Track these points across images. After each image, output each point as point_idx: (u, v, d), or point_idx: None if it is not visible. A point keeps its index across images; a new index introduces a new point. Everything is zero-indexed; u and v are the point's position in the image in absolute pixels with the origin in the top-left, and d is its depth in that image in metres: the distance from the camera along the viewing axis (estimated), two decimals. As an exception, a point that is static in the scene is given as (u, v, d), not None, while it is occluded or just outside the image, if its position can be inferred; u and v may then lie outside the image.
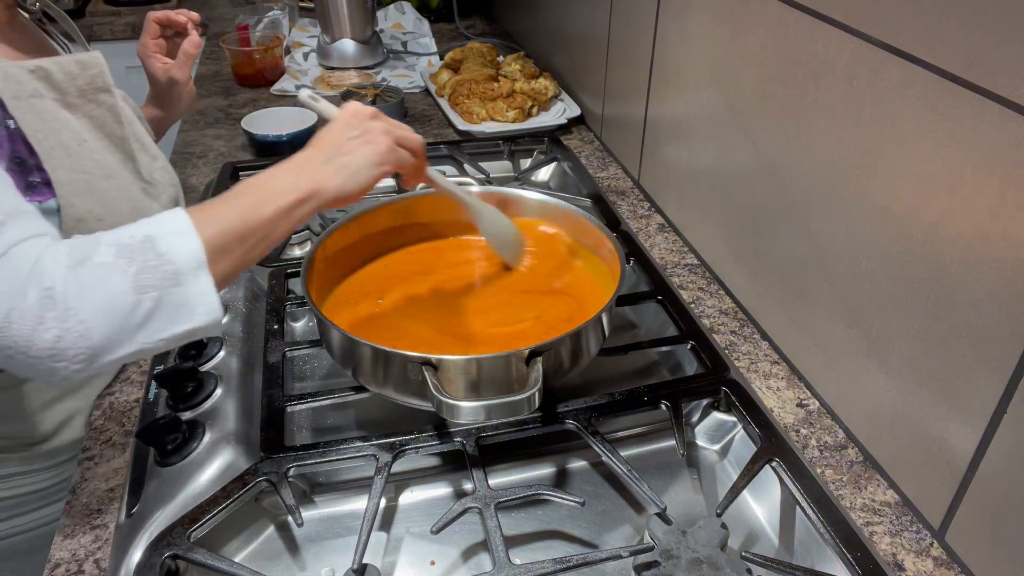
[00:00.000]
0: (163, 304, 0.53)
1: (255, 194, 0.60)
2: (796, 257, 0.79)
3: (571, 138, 1.37)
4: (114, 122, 0.76)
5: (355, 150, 0.64)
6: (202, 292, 0.55)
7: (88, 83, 0.73)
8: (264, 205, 0.59)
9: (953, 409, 0.60)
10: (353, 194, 0.64)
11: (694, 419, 0.78)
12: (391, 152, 0.66)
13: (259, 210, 0.59)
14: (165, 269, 0.53)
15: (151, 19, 0.92)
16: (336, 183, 0.62)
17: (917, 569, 0.62)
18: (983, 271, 0.56)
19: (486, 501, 0.63)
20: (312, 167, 0.63)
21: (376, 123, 0.66)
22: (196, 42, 0.93)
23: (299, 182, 0.61)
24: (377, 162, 0.65)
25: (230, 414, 0.71)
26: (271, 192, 0.60)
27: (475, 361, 0.65)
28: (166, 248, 0.54)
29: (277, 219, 0.60)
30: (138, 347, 0.54)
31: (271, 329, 0.82)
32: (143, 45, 0.93)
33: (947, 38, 0.56)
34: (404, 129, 0.69)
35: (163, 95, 0.97)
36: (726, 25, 0.86)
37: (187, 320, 0.55)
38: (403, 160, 0.68)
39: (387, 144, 0.66)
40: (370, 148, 0.64)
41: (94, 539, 0.63)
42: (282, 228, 0.60)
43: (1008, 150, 0.52)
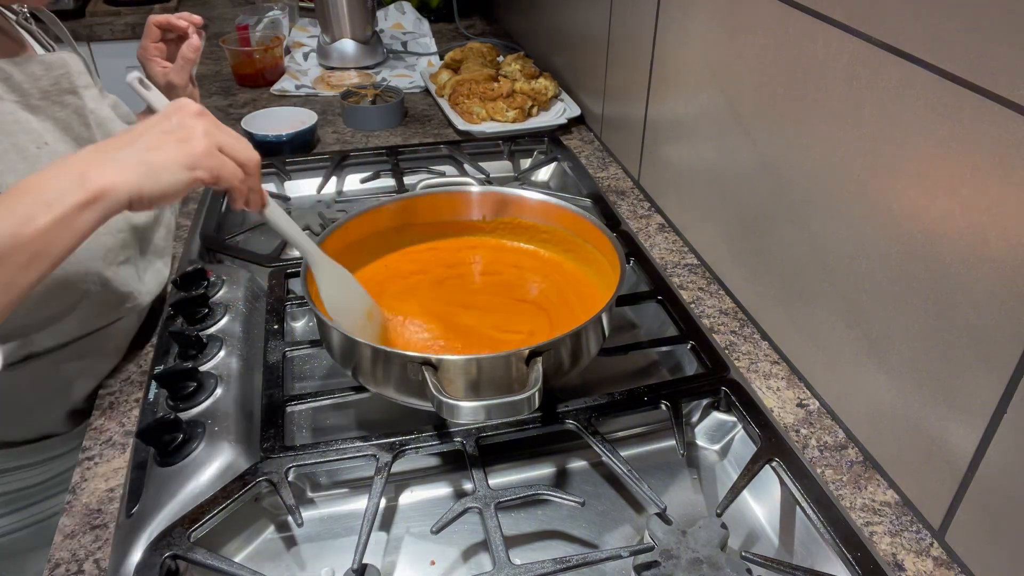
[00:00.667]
0: None
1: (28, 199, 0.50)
2: (796, 257, 0.79)
3: (571, 138, 1.37)
4: (80, 124, 0.74)
5: (162, 146, 0.55)
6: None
7: (52, 84, 0.71)
8: (38, 215, 0.49)
9: (953, 409, 0.60)
10: (153, 197, 0.54)
11: (694, 419, 0.78)
12: (209, 157, 0.56)
13: (31, 222, 0.49)
14: None
15: (151, 22, 0.92)
16: (130, 181, 0.52)
17: (917, 569, 0.62)
18: (983, 271, 0.56)
19: (486, 501, 0.63)
20: (101, 160, 0.53)
21: (198, 121, 0.57)
22: (195, 46, 0.92)
23: (84, 180, 0.51)
24: (188, 164, 0.55)
25: (230, 414, 0.71)
26: (48, 196, 0.50)
27: (475, 361, 0.65)
28: None
29: (55, 230, 0.49)
30: None
31: (271, 329, 0.82)
32: (143, 48, 0.93)
33: (947, 38, 0.56)
34: (235, 138, 0.59)
35: None
36: (726, 25, 0.86)
37: None
38: (223, 170, 0.57)
39: (204, 146, 0.56)
40: (182, 147, 0.55)
41: (94, 539, 0.63)
42: (64, 240, 0.50)
43: (1008, 150, 0.52)
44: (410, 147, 1.26)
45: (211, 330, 0.80)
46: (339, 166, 1.20)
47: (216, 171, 0.57)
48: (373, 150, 1.25)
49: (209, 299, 0.84)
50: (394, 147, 1.25)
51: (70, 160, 0.53)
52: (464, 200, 0.90)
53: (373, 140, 1.35)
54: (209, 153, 0.57)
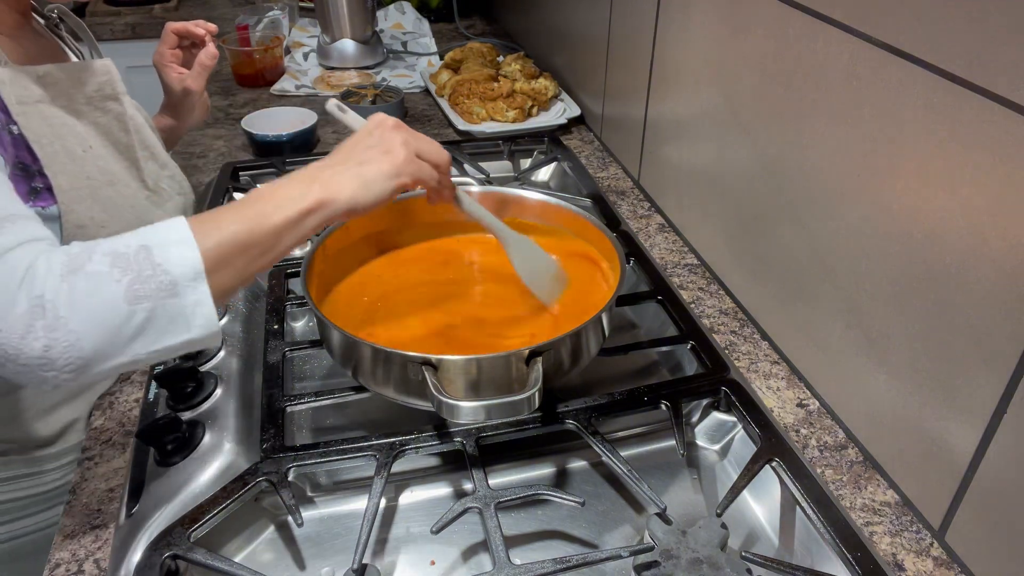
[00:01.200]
0: (157, 315, 0.52)
1: (262, 203, 0.58)
2: (796, 257, 0.79)
3: (571, 138, 1.37)
4: (120, 130, 0.77)
5: (371, 160, 0.62)
6: (199, 303, 0.53)
7: (96, 90, 0.73)
8: (271, 215, 0.57)
9: (953, 409, 0.60)
10: (366, 206, 0.61)
11: (694, 419, 0.78)
12: (409, 163, 0.63)
13: (265, 220, 0.57)
14: (161, 280, 0.52)
15: (169, 29, 0.94)
16: (347, 193, 0.60)
17: (917, 569, 0.62)
18: (983, 271, 0.56)
19: (486, 501, 0.63)
20: (324, 176, 0.60)
21: (397, 133, 0.64)
22: (213, 54, 0.94)
23: (309, 191, 0.59)
24: (393, 173, 0.62)
25: (230, 414, 0.71)
26: (279, 201, 0.58)
27: (475, 361, 0.65)
28: (162, 258, 0.52)
29: (284, 230, 0.57)
30: (131, 358, 0.52)
31: (271, 329, 0.82)
32: (160, 54, 0.95)
33: (947, 38, 0.56)
34: (428, 143, 0.67)
35: (177, 104, 0.97)
36: (726, 25, 0.86)
37: (182, 332, 0.53)
38: (422, 173, 0.65)
39: (405, 155, 0.63)
40: (387, 158, 0.62)
41: (94, 539, 0.63)
42: (289, 239, 0.58)
43: (1008, 150, 0.52)
44: (410, 147, 1.26)
45: (211, 330, 0.80)
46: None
47: (416, 175, 0.64)
48: (373, 150, 1.25)
49: (209, 299, 0.84)
50: (394, 147, 1.25)
51: (298, 173, 0.61)
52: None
53: (373, 140, 1.35)
54: (409, 160, 0.63)
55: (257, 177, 1.17)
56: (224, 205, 0.58)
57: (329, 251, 0.81)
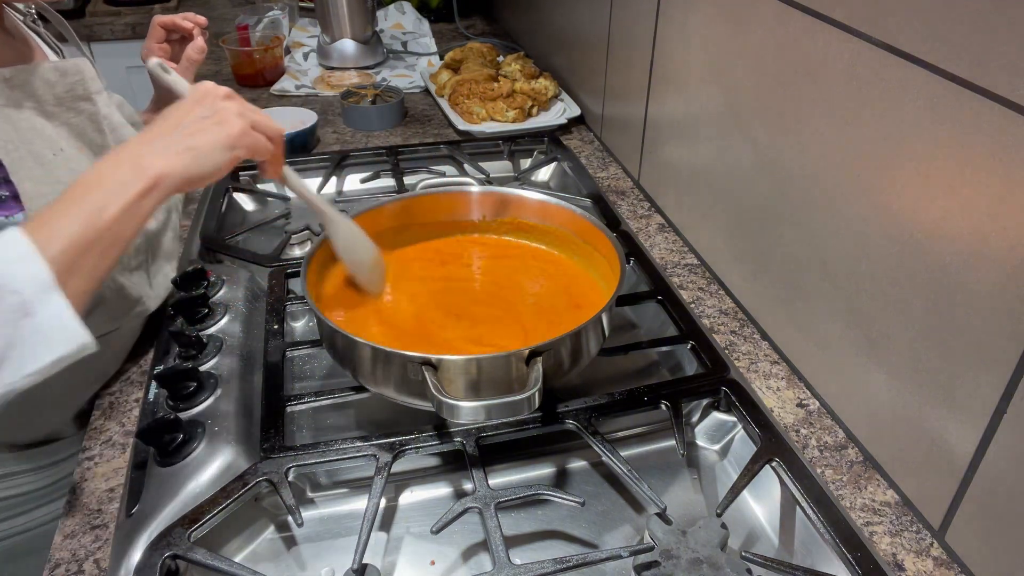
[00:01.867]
0: (17, 340, 0.49)
1: (95, 194, 0.55)
2: (796, 257, 0.79)
3: (571, 138, 1.37)
4: (94, 131, 0.75)
5: (204, 131, 0.60)
6: (58, 317, 0.51)
7: (67, 91, 0.72)
8: (107, 206, 0.54)
9: (953, 409, 0.60)
10: (201, 178, 0.59)
11: (694, 419, 0.78)
12: (244, 135, 0.62)
13: (103, 213, 0.54)
14: (10, 301, 0.49)
15: (156, 23, 0.92)
16: (180, 166, 0.58)
17: (917, 569, 0.62)
18: (983, 271, 0.56)
19: (486, 501, 0.63)
20: (153, 150, 0.57)
21: (230, 103, 0.62)
22: (200, 47, 0.92)
23: (141, 171, 0.56)
24: (228, 144, 0.60)
25: (230, 414, 0.71)
26: (112, 188, 0.55)
27: (475, 361, 0.65)
28: (7, 278, 0.49)
29: (124, 218, 0.55)
30: (5, 388, 0.50)
31: (271, 329, 0.82)
32: (147, 49, 0.92)
33: (947, 38, 0.56)
34: (260, 114, 0.65)
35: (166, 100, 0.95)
36: (726, 25, 0.86)
37: (47, 352, 0.51)
38: (257, 145, 0.63)
39: (240, 127, 0.61)
40: (221, 129, 0.60)
41: (94, 539, 0.63)
42: (132, 225, 0.56)
43: (1008, 150, 0.52)
44: (410, 147, 1.26)
45: (211, 330, 0.80)
46: (339, 166, 1.20)
47: (252, 148, 0.63)
48: (373, 150, 1.25)
49: (209, 299, 0.84)
50: (394, 147, 1.25)
51: (123, 151, 0.58)
52: (464, 200, 0.90)
53: (373, 140, 1.35)
54: (245, 132, 0.62)
55: (257, 177, 1.17)
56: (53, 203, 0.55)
57: (329, 251, 0.81)
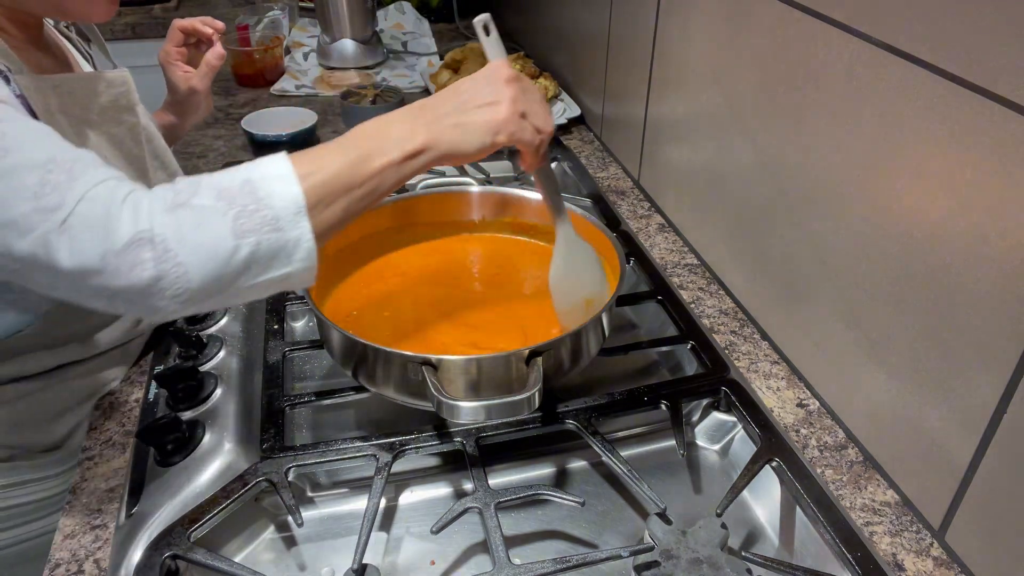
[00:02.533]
0: (261, 249, 0.52)
1: (367, 143, 0.58)
2: (796, 257, 0.79)
3: (571, 138, 1.37)
4: (132, 141, 0.76)
5: (477, 109, 0.61)
6: (300, 239, 0.53)
7: (111, 102, 0.73)
8: (374, 156, 0.57)
9: (953, 409, 0.60)
10: (464, 155, 0.61)
11: (694, 419, 0.78)
12: (510, 122, 0.62)
13: (368, 162, 0.57)
14: (264, 214, 0.52)
15: (176, 27, 0.92)
16: (449, 140, 0.60)
17: (917, 569, 0.62)
18: (983, 271, 0.56)
19: (486, 501, 0.63)
20: (429, 118, 0.60)
21: (508, 88, 0.63)
22: (220, 54, 0.93)
23: (414, 133, 0.59)
24: (493, 129, 0.61)
25: (230, 414, 0.71)
26: (382, 142, 0.58)
27: (475, 361, 0.65)
28: (265, 192, 0.52)
29: (385, 171, 0.57)
30: (235, 290, 0.53)
31: (271, 329, 0.82)
32: (165, 52, 0.93)
33: (947, 38, 0.56)
34: (539, 104, 0.65)
35: (181, 103, 0.97)
36: (726, 25, 0.86)
37: (283, 265, 0.53)
38: (522, 134, 0.63)
39: (509, 112, 0.62)
40: (490, 111, 0.61)
41: (94, 539, 0.63)
42: (391, 181, 0.58)
43: (1008, 150, 0.52)
44: (410, 147, 1.25)
45: (211, 330, 0.80)
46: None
47: (516, 136, 0.62)
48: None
49: (209, 299, 0.84)
50: (394, 147, 1.25)
51: (402, 115, 0.60)
52: (464, 200, 0.90)
53: (373, 140, 1.35)
54: (511, 119, 0.62)
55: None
56: (330, 142, 0.58)
57: (329, 251, 0.81)
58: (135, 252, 0.49)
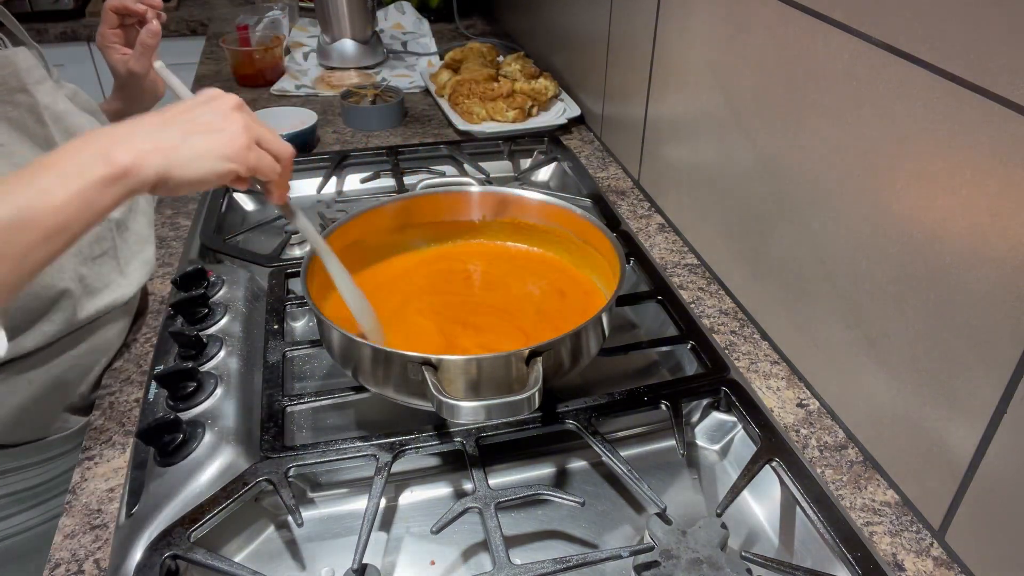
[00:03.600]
0: None
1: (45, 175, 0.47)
2: (796, 257, 0.79)
3: (571, 138, 1.37)
4: (35, 122, 0.72)
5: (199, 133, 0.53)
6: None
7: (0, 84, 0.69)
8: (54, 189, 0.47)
9: (953, 409, 0.60)
10: (180, 183, 0.52)
11: (694, 419, 0.78)
12: (249, 150, 0.55)
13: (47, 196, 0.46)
14: None
15: (107, 8, 0.86)
16: (158, 163, 0.50)
17: (917, 569, 0.62)
18: (983, 271, 0.56)
19: (486, 501, 0.63)
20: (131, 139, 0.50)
21: (239, 114, 0.55)
22: (154, 31, 0.85)
23: (106, 158, 0.48)
24: (226, 156, 0.53)
25: (230, 414, 0.71)
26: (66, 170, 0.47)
27: (475, 361, 0.65)
28: None
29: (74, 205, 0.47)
30: None
31: (271, 329, 0.82)
32: (101, 35, 0.88)
33: (947, 38, 0.56)
34: (272, 132, 0.59)
35: (125, 87, 0.92)
36: (726, 25, 0.86)
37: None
38: (260, 164, 0.57)
39: (245, 140, 0.55)
40: (220, 137, 0.53)
41: (94, 539, 0.63)
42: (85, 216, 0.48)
43: (1008, 150, 0.52)
44: (410, 147, 1.26)
45: (211, 330, 0.80)
46: (339, 166, 1.20)
47: (254, 165, 0.56)
48: (373, 150, 1.26)
49: (209, 299, 0.84)
50: (394, 147, 1.25)
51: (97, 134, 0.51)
52: (464, 200, 0.90)
53: (373, 140, 1.35)
54: (248, 147, 0.55)
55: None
56: None
57: (329, 251, 0.81)
58: None
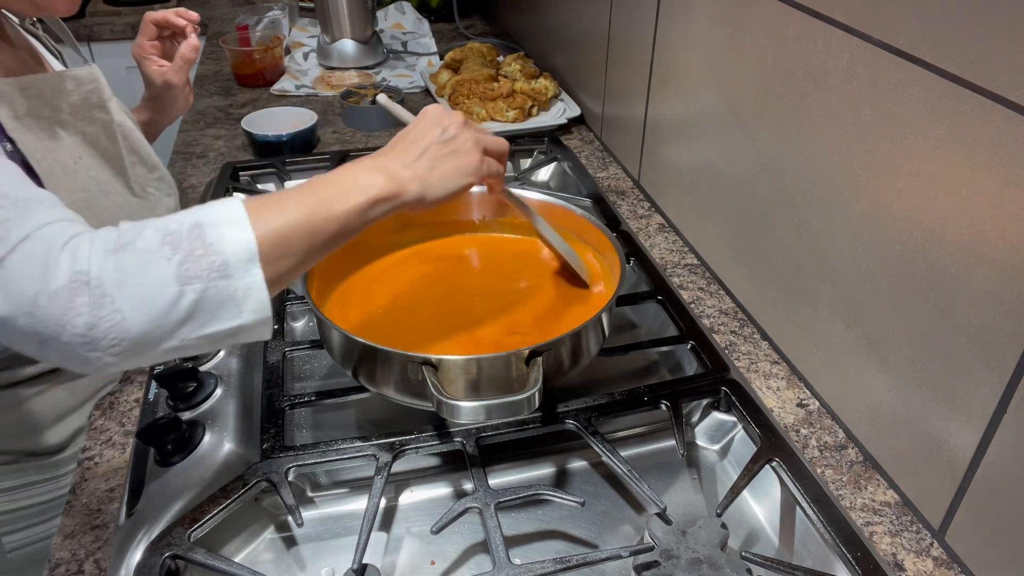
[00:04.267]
0: (207, 297, 0.49)
1: (329, 189, 0.56)
2: (796, 257, 0.79)
3: (571, 138, 1.37)
4: (107, 138, 0.75)
5: (444, 157, 0.61)
6: (251, 287, 0.50)
7: (82, 100, 0.71)
8: (336, 202, 0.55)
9: (953, 409, 0.60)
10: (436, 202, 0.61)
11: (694, 419, 0.78)
12: (482, 164, 0.63)
13: (329, 207, 0.55)
14: (212, 260, 0.49)
15: (148, 20, 0.90)
16: (419, 188, 0.59)
17: (917, 569, 0.62)
18: (983, 271, 0.56)
19: (486, 501, 0.63)
20: (396, 166, 0.59)
21: (468, 131, 0.63)
22: (194, 45, 0.90)
23: (381, 179, 0.58)
24: (468, 173, 0.62)
25: (230, 414, 0.71)
26: (347, 188, 0.56)
27: (475, 361, 0.65)
28: (215, 237, 0.49)
29: (348, 218, 0.56)
30: (179, 342, 0.49)
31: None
32: (139, 46, 0.91)
33: (947, 38, 0.56)
34: (490, 138, 0.66)
35: (158, 98, 0.95)
36: (726, 25, 0.86)
37: (232, 317, 0.50)
38: (492, 171, 0.65)
39: (479, 156, 0.63)
40: (463, 158, 0.62)
41: (94, 539, 0.63)
42: (353, 227, 0.57)
43: (1008, 150, 0.52)
44: (410, 147, 1.25)
45: (211, 330, 0.80)
46: (339, 166, 1.20)
47: (487, 174, 0.65)
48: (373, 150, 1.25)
49: (209, 299, 0.84)
50: (394, 147, 1.25)
51: (366, 160, 0.60)
52: (464, 200, 0.90)
53: (373, 140, 1.35)
54: (482, 160, 0.64)
55: (257, 177, 1.17)
56: (286, 189, 0.57)
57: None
58: (69, 296, 0.46)
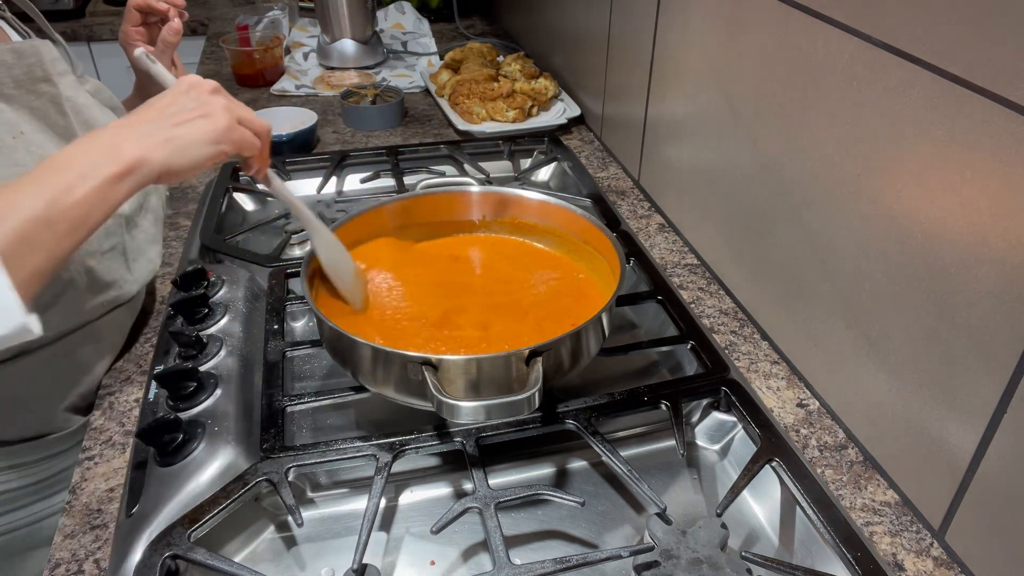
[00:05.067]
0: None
1: (63, 174, 0.52)
2: (796, 257, 0.79)
3: (571, 138, 1.37)
4: (56, 113, 0.73)
5: (188, 122, 0.58)
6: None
7: (25, 73, 0.70)
8: (75, 186, 0.52)
9: (953, 409, 0.60)
10: (181, 171, 0.58)
11: (694, 419, 0.78)
12: (231, 131, 0.61)
13: (68, 194, 0.51)
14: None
15: (131, 6, 0.89)
16: (162, 155, 0.56)
17: (917, 569, 0.62)
18: (983, 271, 0.56)
19: (486, 501, 0.63)
20: (133, 136, 0.56)
21: (217, 97, 0.61)
22: (176, 29, 0.89)
23: (116, 154, 0.54)
24: (214, 139, 0.59)
25: (230, 414, 0.71)
26: (82, 169, 0.53)
27: (475, 361, 0.65)
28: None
29: (92, 200, 0.52)
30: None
31: (271, 329, 0.82)
32: (124, 33, 0.90)
33: (947, 38, 0.56)
34: (246, 110, 0.64)
35: (146, 85, 0.93)
36: (726, 25, 0.86)
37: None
38: (244, 140, 0.62)
39: (227, 121, 0.60)
40: (208, 122, 0.59)
41: (94, 539, 0.63)
42: (101, 210, 0.54)
43: (1008, 150, 0.52)
44: (410, 147, 1.26)
45: (211, 330, 0.80)
46: (339, 166, 1.20)
47: (239, 144, 0.62)
48: (373, 150, 1.25)
49: (209, 299, 0.84)
50: (394, 147, 1.25)
51: (100, 134, 0.56)
52: (464, 200, 0.90)
53: (373, 140, 1.35)
54: (231, 127, 0.61)
55: (257, 177, 1.17)
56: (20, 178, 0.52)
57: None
58: None
